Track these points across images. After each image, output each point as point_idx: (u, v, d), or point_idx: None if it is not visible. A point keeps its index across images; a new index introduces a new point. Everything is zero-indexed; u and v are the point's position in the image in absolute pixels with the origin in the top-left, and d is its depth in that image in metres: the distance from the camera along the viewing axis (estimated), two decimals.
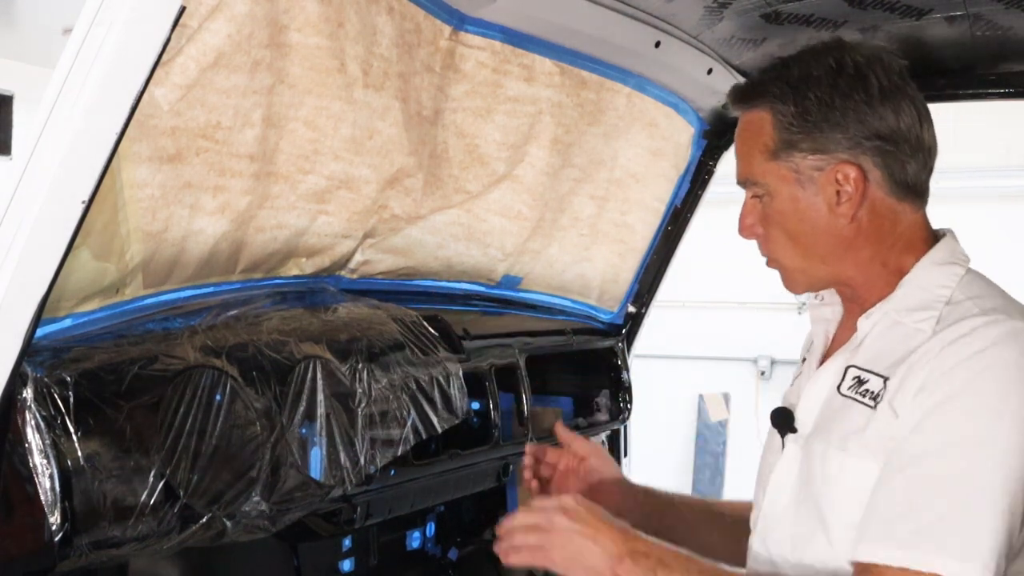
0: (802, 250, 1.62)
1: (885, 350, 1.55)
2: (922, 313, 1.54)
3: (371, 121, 1.83)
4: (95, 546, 1.43)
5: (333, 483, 1.78)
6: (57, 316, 1.48)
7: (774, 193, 1.61)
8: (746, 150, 1.65)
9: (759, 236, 1.67)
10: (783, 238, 1.63)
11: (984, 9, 1.94)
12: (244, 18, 1.51)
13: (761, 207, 1.64)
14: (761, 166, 1.62)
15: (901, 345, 1.53)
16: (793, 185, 1.60)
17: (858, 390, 1.55)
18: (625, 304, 2.85)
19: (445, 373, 2.05)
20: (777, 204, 1.62)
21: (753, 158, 1.63)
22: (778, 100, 1.59)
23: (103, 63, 1.22)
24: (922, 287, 1.57)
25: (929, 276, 1.58)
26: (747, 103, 1.65)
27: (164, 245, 1.61)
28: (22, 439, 1.37)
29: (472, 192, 2.17)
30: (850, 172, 1.56)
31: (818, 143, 1.57)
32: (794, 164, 1.59)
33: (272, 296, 1.89)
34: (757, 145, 1.62)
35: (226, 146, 1.62)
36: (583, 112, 2.24)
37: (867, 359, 1.57)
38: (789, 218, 1.61)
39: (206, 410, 1.58)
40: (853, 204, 1.57)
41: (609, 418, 2.80)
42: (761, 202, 1.64)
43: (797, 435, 1.64)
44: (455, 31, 1.92)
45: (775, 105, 1.60)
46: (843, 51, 1.59)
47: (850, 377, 1.58)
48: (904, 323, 1.55)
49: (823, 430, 1.58)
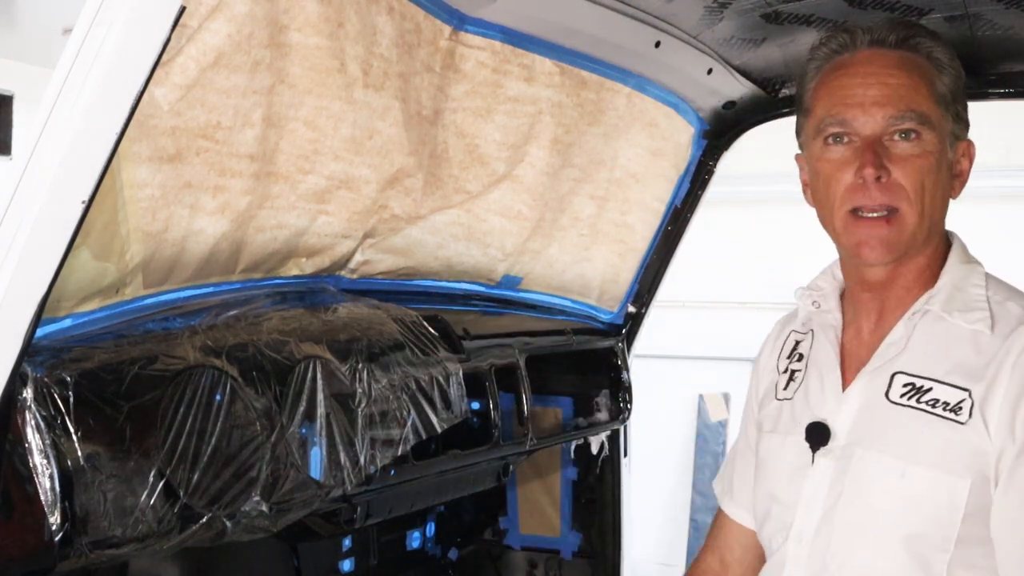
0: (926, 208, 1.55)
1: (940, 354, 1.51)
2: (974, 314, 1.51)
3: (371, 121, 1.83)
4: (95, 546, 1.43)
5: (333, 483, 1.78)
6: (57, 316, 1.48)
7: (928, 139, 1.54)
8: (912, 84, 1.55)
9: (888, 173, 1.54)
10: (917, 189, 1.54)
11: (984, 9, 1.93)
12: (244, 18, 1.51)
13: (907, 147, 1.53)
14: (931, 106, 1.55)
15: (963, 350, 1.50)
16: (944, 139, 1.56)
17: (921, 399, 1.50)
18: (625, 304, 2.85)
19: (445, 373, 2.05)
20: (929, 147, 1.54)
21: (921, 95, 1.55)
22: (943, 59, 1.57)
23: (103, 63, 1.22)
24: (959, 287, 1.55)
25: (961, 275, 1.57)
26: (910, 45, 1.57)
27: (164, 245, 1.61)
28: (22, 439, 1.37)
29: (472, 192, 2.17)
30: (972, 152, 1.58)
31: (962, 116, 1.58)
32: (950, 121, 1.56)
33: (272, 296, 1.89)
34: (927, 85, 1.55)
35: (226, 146, 1.62)
36: (583, 112, 2.24)
37: (918, 365, 1.52)
38: (931, 170, 1.54)
39: (206, 410, 1.58)
40: (963, 182, 1.58)
41: (609, 418, 2.80)
42: (909, 140, 1.54)
43: (827, 448, 1.58)
44: (455, 31, 1.92)
45: (940, 62, 1.57)
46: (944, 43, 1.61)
47: (900, 384, 1.53)
48: (956, 323, 1.52)
49: (870, 439, 1.54)
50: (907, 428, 1.50)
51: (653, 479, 6.66)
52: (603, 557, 2.95)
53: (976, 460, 1.45)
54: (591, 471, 2.94)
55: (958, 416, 1.46)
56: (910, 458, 1.49)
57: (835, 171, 1.57)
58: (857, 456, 1.54)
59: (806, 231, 1.61)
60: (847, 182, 1.56)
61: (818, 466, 1.59)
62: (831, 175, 1.58)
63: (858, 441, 1.55)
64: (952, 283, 1.55)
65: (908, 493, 1.49)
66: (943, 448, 1.47)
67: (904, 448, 1.50)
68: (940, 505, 1.47)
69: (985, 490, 1.46)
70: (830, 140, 1.58)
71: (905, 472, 1.49)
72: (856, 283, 1.67)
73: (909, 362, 1.53)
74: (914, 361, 1.53)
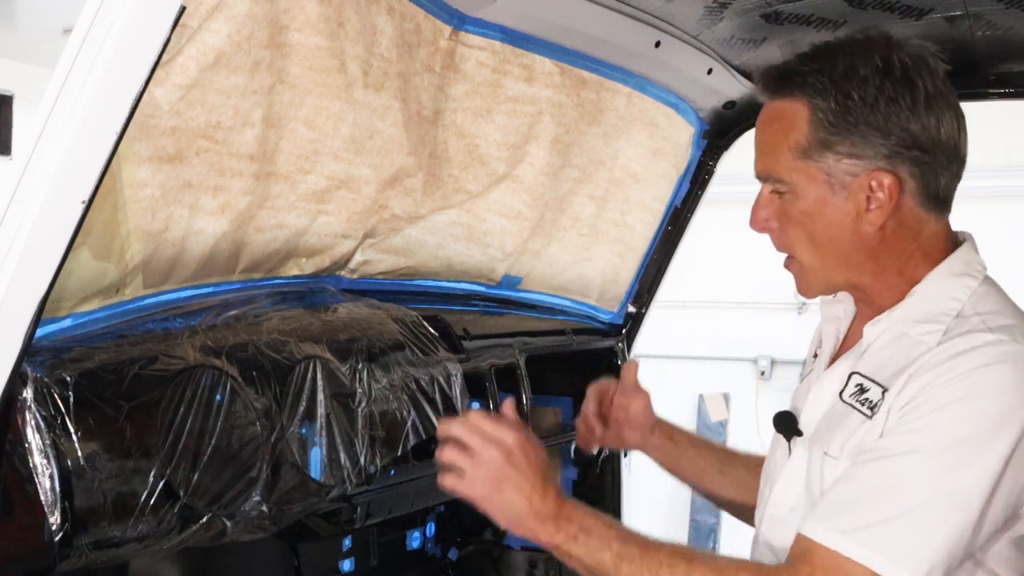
0: (822, 253, 1.54)
1: (888, 360, 1.52)
2: (929, 325, 1.49)
3: (371, 121, 1.83)
4: (95, 546, 1.43)
5: (333, 483, 1.78)
6: (57, 316, 1.48)
7: (800, 193, 1.52)
8: (773, 143, 1.54)
9: (772, 231, 1.59)
10: (803, 239, 1.55)
11: (984, 9, 1.93)
12: (244, 18, 1.51)
13: (780, 203, 1.55)
14: (789, 163, 1.52)
15: (903, 356, 1.50)
16: (823, 187, 1.50)
17: (859, 398, 1.52)
18: (625, 304, 2.85)
19: (445, 373, 2.05)
20: (802, 204, 1.53)
21: (780, 153, 1.52)
22: (818, 95, 1.48)
23: (103, 63, 1.22)
24: (930, 299, 1.52)
25: (939, 288, 1.53)
26: (781, 92, 1.53)
27: (164, 245, 1.61)
28: (22, 439, 1.37)
29: (472, 192, 2.17)
30: (885, 180, 1.47)
31: (856, 147, 1.47)
32: (826, 165, 1.49)
33: (272, 296, 1.89)
34: (787, 140, 1.51)
35: (226, 146, 1.62)
36: (583, 112, 2.24)
37: (871, 367, 1.54)
38: (813, 220, 1.52)
39: (206, 410, 1.58)
40: (883, 213, 1.49)
41: None
42: (781, 198, 1.55)
43: (803, 438, 1.61)
44: (455, 31, 1.92)
45: (814, 100, 1.48)
46: (891, 49, 1.49)
47: (853, 384, 1.54)
48: (910, 334, 1.51)
49: (823, 435, 1.57)
50: (841, 425, 1.53)
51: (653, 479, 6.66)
52: None
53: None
54: (591, 471, 2.93)
55: (871, 411, 1.49)
56: (835, 453, 1.52)
57: None
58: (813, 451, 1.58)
59: None
60: None
61: (795, 455, 1.62)
62: None
63: (816, 437, 1.59)
64: (924, 295, 1.53)
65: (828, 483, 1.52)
66: (855, 442, 1.50)
67: (834, 445, 1.53)
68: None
69: None
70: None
71: (829, 467, 1.53)
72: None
73: (865, 364, 1.55)
74: (869, 364, 1.55)
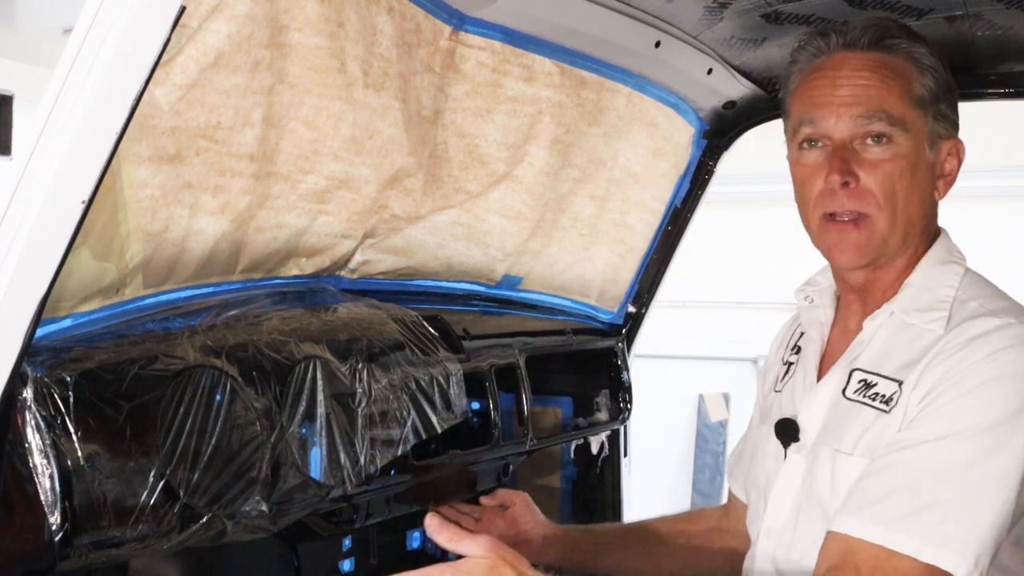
0: (900, 213, 1.54)
1: (894, 352, 1.53)
2: (932, 314, 1.51)
3: (371, 121, 1.83)
4: (95, 546, 1.43)
5: (333, 483, 1.78)
6: (57, 316, 1.48)
7: (900, 140, 1.53)
8: (884, 86, 1.54)
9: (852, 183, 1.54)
10: (889, 193, 1.53)
11: (984, 9, 1.93)
12: (244, 18, 1.51)
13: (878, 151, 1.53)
14: (904, 108, 1.53)
15: (912, 346, 1.50)
16: (923, 142, 1.54)
17: (866, 393, 1.52)
18: (625, 304, 2.85)
19: (445, 373, 2.05)
20: (905, 152, 1.53)
21: (894, 97, 1.54)
22: (923, 56, 1.56)
23: (103, 63, 1.22)
24: (927, 287, 1.55)
25: (932, 276, 1.56)
26: (892, 46, 1.57)
27: (164, 245, 1.61)
28: (22, 439, 1.37)
29: (472, 192, 2.17)
30: (961, 150, 1.56)
31: (950, 111, 1.56)
32: (929, 121, 1.55)
33: (272, 296, 1.89)
34: (903, 86, 1.54)
35: (226, 146, 1.62)
36: (583, 112, 2.24)
37: (872, 361, 1.54)
38: (905, 174, 1.53)
39: (206, 410, 1.58)
40: (949, 183, 1.56)
41: (609, 418, 2.80)
42: (879, 144, 1.53)
43: (800, 444, 1.61)
44: (455, 31, 1.92)
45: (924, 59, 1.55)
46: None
47: (856, 381, 1.55)
48: (914, 324, 1.52)
49: (830, 436, 1.56)
50: (851, 422, 1.53)
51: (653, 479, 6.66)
52: None
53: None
54: (591, 471, 2.94)
55: (886, 406, 1.49)
56: (848, 450, 1.52)
57: (808, 176, 1.59)
58: (818, 454, 1.57)
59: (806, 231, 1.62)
60: (819, 187, 1.57)
61: (790, 461, 1.62)
62: (805, 180, 1.60)
63: (821, 439, 1.58)
64: (920, 284, 1.55)
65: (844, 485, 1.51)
66: (870, 438, 1.49)
67: (846, 442, 1.53)
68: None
69: None
70: (804, 144, 1.60)
71: (841, 463, 1.52)
72: (840, 284, 1.70)
73: (867, 360, 1.55)
74: (871, 358, 1.55)
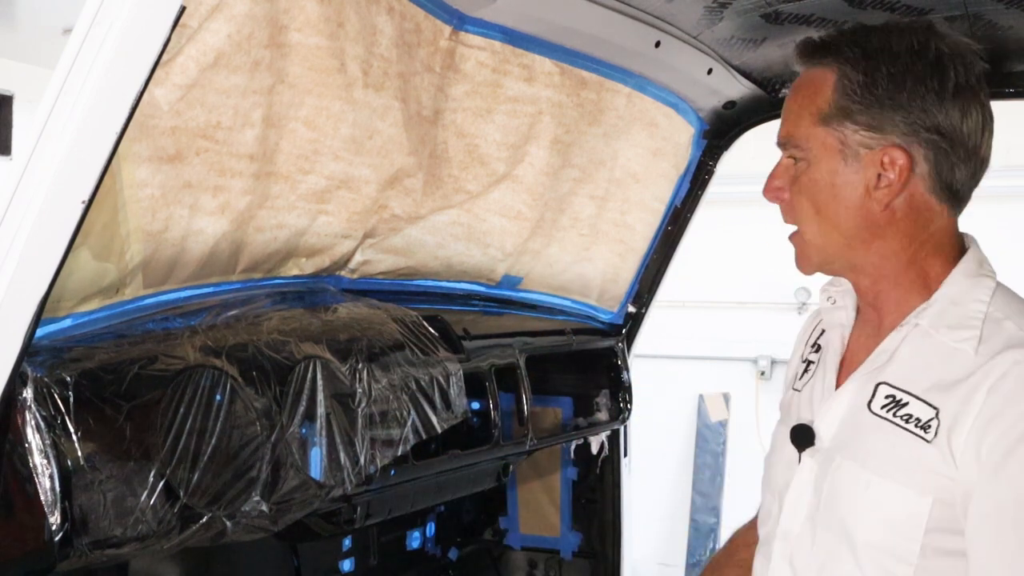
0: (827, 226, 1.54)
1: (922, 369, 1.49)
2: (962, 332, 1.47)
3: (371, 121, 1.83)
4: (95, 546, 1.43)
5: (333, 483, 1.78)
6: (57, 316, 1.48)
7: (813, 160, 1.53)
8: (796, 108, 1.56)
9: (784, 202, 1.58)
10: (810, 209, 1.55)
11: (984, 9, 1.93)
12: (244, 18, 1.51)
13: (794, 171, 1.56)
14: (808, 128, 1.53)
15: (943, 367, 1.46)
16: (835, 156, 1.51)
17: (897, 412, 1.48)
18: (625, 304, 2.85)
19: (445, 373, 2.05)
20: (813, 172, 1.53)
21: (801, 118, 1.54)
22: (848, 64, 1.50)
23: (103, 63, 1.22)
24: (956, 301, 1.50)
25: (962, 289, 1.51)
26: (814, 59, 1.55)
27: (164, 245, 1.61)
28: (22, 439, 1.37)
29: (472, 192, 2.17)
30: (898, 158, 1.49)
31: (875, 120, 1.49)
32: (843, 134, 1.51)
33: (272, 296, 1.89)
34: (810, 105, 1.53)
35: (226, 146, 1.62)
36: (583, 112, 2.24)
37: (901, 377, 1.50)
38: (822, 189, 1.53)
39: (206, 410, 1.58)
40: (892, 192, 1.50)
41: (609, 418, 2.80)
42: (795, 166, 1.55)
43: (814, 449, 1.58)
44: (455, 31, 1.92)
45: (843, 68, 1.51)
46: (930, 36, 1.51)
47: (883, 395, 1.51)
48: (942, 340, 1.48)
49: (848, 447, 1.53)
50: (880, 440, 1.49)
51: (653, 479, 6.66)
52: (603, 557, 2.95)
53: (937, 480, 1.44)
54: (591, 471, 2.94)
55: (926, 434, 1.45)
56: (877, 470, 1.48)
57: None
58: (836, 463, 1.54)
59: None
60: None
61: (804, 465, 1.60)
62: None
63: (838, 447, 1.55)
64: (949, 297, 1.51)
65: (871, 505, 1.48)
66: (908, 464, 1.46)
67: (874, 460, 1.49)
68: (901, 520, 1.46)
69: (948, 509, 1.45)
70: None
71: (870, 484, 1.49)
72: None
73: (893, 374, 1.52)
74: (898, 373, 1.51)
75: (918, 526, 1.46)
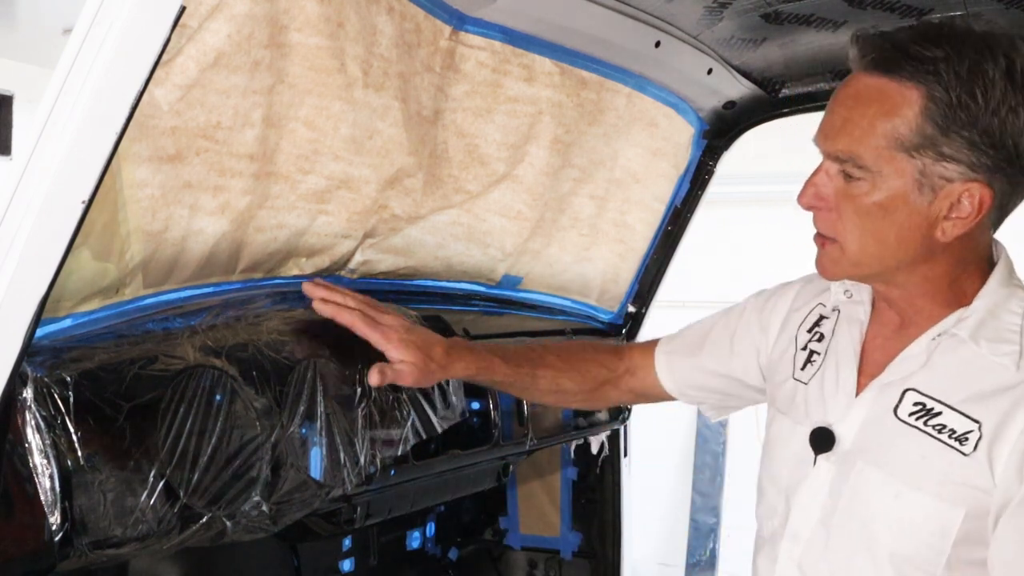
0: (878, 247, 1.41)
1: (958, 380, 1.44)
2: (1003, 346, 1.42)
3: (371, 121, 1.83)
4: (95, 546, 1.43)
5: (333, 483, 1.78)
6: (57, 316, 1.48)
7: (880, 185, 1.37)
8: (865, 124, 1.36)
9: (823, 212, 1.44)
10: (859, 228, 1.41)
11: (984, 9, 1.93)
12: (244, 18, 1.51)
13: (846, 187, 1.40)
14: (880, 151, 1.36)
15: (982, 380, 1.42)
16: (909, 185, 1.36)
17: (929, 421, 1.44)
18: (625, 304, 2.85)
19: None
20: (877, 196, 1.38)
21: (872, 138, 1.36)
22: (937, 84, 1.31)
23: (103, 63, 1.22)
24: (993, 313, 1.45)
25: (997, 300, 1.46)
26: (893, 70, 1.35)
27: (164, 245, 1.61)
28: (22, 439, 1.37)
29: (472, 192, 2.17)
30: (981, 195, 1.35)
31: (961, 152, 1.32)
32: (923, 164, 1.34)
33: (272, 296, 1.89)
34: (885, 125, 1.35)
35: (226, 146, 1.62)
36: (583, 112, 2.24)
37: (934, 386, 1.46)
38: (884, 216, 1.39)
39: (206, 410, 1.58)
40: (963, 225, 1.37)
41: (609, 418, 2.80)
42: (850, 183, 1.39)
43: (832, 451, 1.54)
44: (455, 31, 1.92)
45: (932, 90, 1.31)
46: (1014, 51, 1.34)
47: (910, 402, 1.46)
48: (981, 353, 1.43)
49: (871, 452, 1.50)
50: (909, 449, 1.45)
51: (653, 479, 6.66)
52: (603, 557, 2.95)
53: (972, 493, 1.41)
54: (591, 471, 2.94)
55: (962, 446, 1.41)
56: (907, 480, 1.45)
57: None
58: (857, 468, 1.51)
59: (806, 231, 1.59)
60: None
61: (820, 468, 1.56)
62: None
63: (860, 452, 1.52)
64: (987, 308, 1.45)
65: (900, 515, 1.46)
66: (941, 476, 1.43)
67: (903, 469, 1.46)
68: (930, 531, 1.43)
69: (978, 521, 1.42)
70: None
71: (900, 494, 1.45)
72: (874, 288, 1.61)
73: (924, 382, 1.47)
74: (930, 382, 1.46)
75: (947, 537, 1.43)
